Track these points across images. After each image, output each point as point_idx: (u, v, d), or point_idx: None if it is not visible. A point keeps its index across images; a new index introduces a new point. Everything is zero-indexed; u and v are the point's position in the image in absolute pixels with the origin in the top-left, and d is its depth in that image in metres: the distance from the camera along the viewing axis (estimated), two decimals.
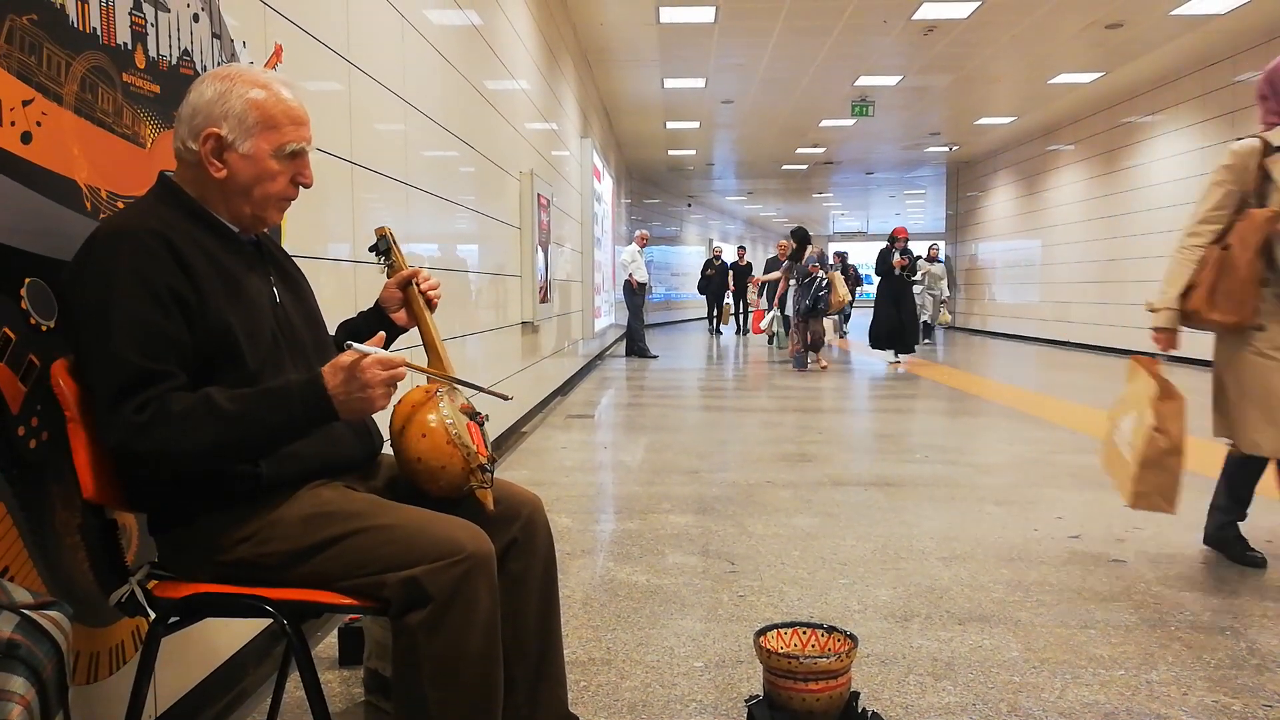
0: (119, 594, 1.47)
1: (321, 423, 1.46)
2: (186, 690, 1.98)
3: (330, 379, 1.43)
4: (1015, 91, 13.14)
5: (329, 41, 2.88)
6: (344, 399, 1.43)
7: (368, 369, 1.43)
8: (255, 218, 1.61)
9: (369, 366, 1.43)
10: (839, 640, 2.11)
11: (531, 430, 6.38)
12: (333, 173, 2.88)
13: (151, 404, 1.38)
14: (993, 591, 2.99)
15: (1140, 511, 3.96)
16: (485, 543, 1.51)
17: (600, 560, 3.36)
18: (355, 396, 1.44)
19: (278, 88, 1.57)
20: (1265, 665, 2.42)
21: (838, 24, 9.52)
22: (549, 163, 7.83)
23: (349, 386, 1.43)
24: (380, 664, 2.14)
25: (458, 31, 4.65)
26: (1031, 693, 2.26)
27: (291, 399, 1.44)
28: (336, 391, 1.43)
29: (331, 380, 1.43)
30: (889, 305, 11.43)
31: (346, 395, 1.43)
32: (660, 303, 22.98)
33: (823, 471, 4.88)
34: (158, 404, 1.39)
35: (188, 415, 1.39)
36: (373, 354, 1.44)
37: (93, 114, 1.65)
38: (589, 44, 10.38)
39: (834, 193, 26.52)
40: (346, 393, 1.43)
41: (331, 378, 1.44)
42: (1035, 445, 5.70)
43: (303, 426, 1.46)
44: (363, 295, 3.03)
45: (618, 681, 2.34)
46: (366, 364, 1.43)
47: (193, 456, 1.41)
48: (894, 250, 11.68)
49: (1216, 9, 9.12)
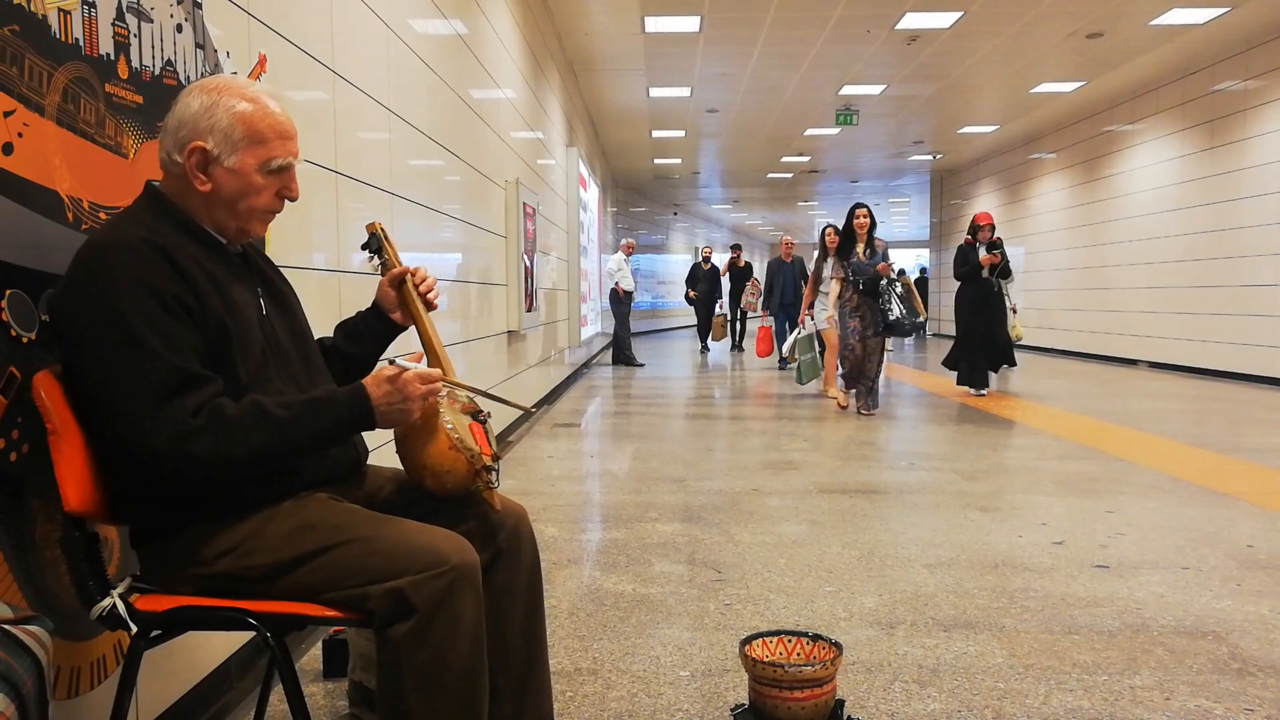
0: (100, 608, 1.46)
1: (360, 430, 1.54)
2: (169, 704, 1.96)
3: (373, 390, 1.50)
4: (998, 100, 13.25)
5: (313, 51, 2.88)
6: (385, 410, 1.50)
7: (409, 383, 1.50)
8: (239, 230, 1.60)
9: (410, 380, 1.51)
10: (824, 648, 2.12)
11: (518, 439, 6.37)
12: (317, 182, 2.87)
13: (207, 407, 1.40)
14: (977, 598, 3.01)
15: (1121, 518, 4.00)
16: (470, 554, 1.51)
17: (586, 570, 3.36)
18: (395, 408, 1.51)
19: (265, 101, 1.56)
20: (1247, 670, 2.44)
21: (821, 34, 9.58)
22: (535, 171, 7.83)
23: (390, 399, 1.50)
24: (365, 676, 2.13)
25: (443, 40, 4.66)
26: (1016, 699, 2.27)
27: (338, 407, 1.50)
28: (379, 403, 1.50)
29: (375, 391, 1.50)
30: (980, 322, 8.57)
31: (388, 407, 1.50)
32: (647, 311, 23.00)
33: (809, 479, 4.89)
34: (212, 407, 1.40)
35: (240, 420, 1.42)
36: (413, 369, 1.52)
37: (75, 125, 1.64)
38: (574, 53, 10.40)
39: (819, 201, 26.62)
40: (388, 404, 1.50)
41: (375, 389, 1.50)
42: (1019, 452, 5.73)
43: (344, 434, 1.54)
44: (347, 305, 3.02)
45: (604, 691, 2.34)
46: (408, 378, 1.50)
47: (242, 461, 1.43)
48: (978, 244, 8.72)
49: (1195, 19, 9.23)
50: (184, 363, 1.41)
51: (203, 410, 1.39)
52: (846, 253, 7.50)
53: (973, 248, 8.72)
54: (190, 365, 1.41)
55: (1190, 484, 4.73)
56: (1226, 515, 4.08)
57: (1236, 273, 10.29)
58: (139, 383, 1.38)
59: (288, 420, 1.45)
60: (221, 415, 1.40)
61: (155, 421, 1.37)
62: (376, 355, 1.88)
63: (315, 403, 1.49)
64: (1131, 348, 12.60)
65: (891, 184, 22.80)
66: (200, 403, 1.40)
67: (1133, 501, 4.33)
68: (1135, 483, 4.75)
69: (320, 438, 1.50)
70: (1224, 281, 10.51)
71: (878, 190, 24.01)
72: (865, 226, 7.52)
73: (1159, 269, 11.89)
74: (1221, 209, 10.59)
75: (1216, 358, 10.63)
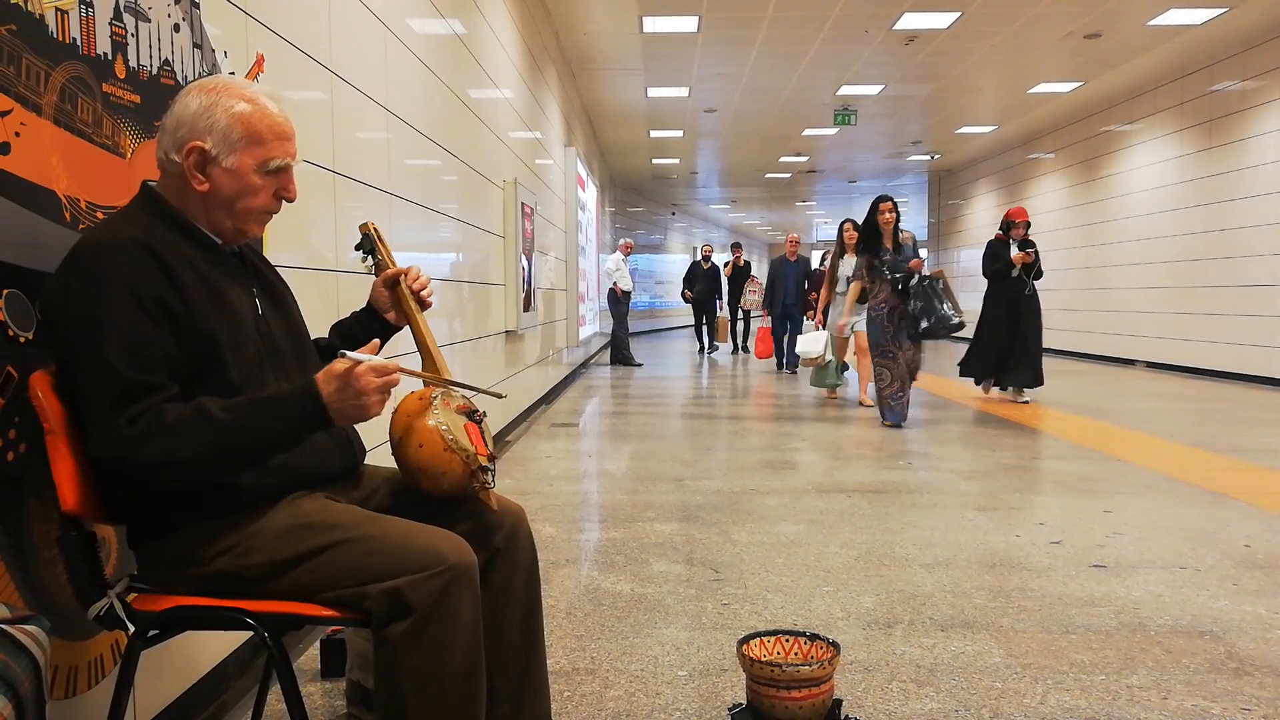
0: (98, 607, 1.46)
1: (315, 430, 1.47)
2: (166, 704, 1.96)
3: (324, 386, 1.44)
4: (995, 101, 13.26)
5: (311, 51, 2.87)
6: (338, 406, 1.44)
7: (361, 376, 1.44)
8: (236, 230, 1.60)
9: (363, 374, 1.44)
10: (821, 648, 2.12)
11: (516, 439, 6.37)
12: (315, 182, 2.87)
13: (145, 416, 1.38)
14: (975, 598, 3.01)
15: (1119, 518, 4.00)
16: (467, 553, 1.51)
17: (584, 569, 3.36)
18: (350, 404, 1.44)
19: (264, 102, 1.56)
20: (1244, 669, 2.44)
21: (820, 34, 9.58)
22: (533, 171, 7.83)
23: (343, 394, 1.44)
24: (362, 676, 2.13)
25: (441, 40, 4.65)
26: (1013, 698, 2.28)
27: (287, 407, 1.44)
28: (331, 399, 1.44)
29: (326, 388, 1.44)
30: (1000, 320, 7.98)
31: (341, 403, 1.44)
32: (645, 311, 22.99)
33: (807, 479, 4.90)
34: (152, 415, 1.39)
35: (182, 425, 1.39)
36: (366, 361, 1.45)
37: (72, 124, 1.64)
38: (572, 53, 10.40)
39: (817, 201, 26.62)
40: (341, 400, 1.44)
41: (325, 385, 1.44)
42: (1016, 452, 5.73)
43: (298, 434, 1.47)
44: (345, 305, 3.02)
45: (601, 691, 2.34)
46: (360, 371, 1.44)
47: (188, 466, 1.41)
48: (1009, 241, 8.11)
49: (1193, 20, 9.24)
50: (135, 372, 1.39)
51: (140, 419, 1.38)
52: (877, 249, 6.72)
53: (1004, 244, 8.11)
54: (141, 374, 1.40)
55: (1187, 484, 4.73)
56: (1223, 515, 4.08)
57: (1234, 273, 10.30)
58: (93, 390, 1.39)
59: (231, 422, 1.41)
60: (161, 422, 1.38)
61: (99, 430, 1.39)
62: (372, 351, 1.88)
63: (262, 403, 1.45)
64: (1129, 348, 12.61)
65: (889, 184, 22.80)
66: (138, 412, 1.38)
67: (1130, 501, 4.33)
68: (1132, 483, 4.76)
69: (273, 438, 1.46)
70: (1221, 282, 10.53)
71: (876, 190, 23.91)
72: (892, 222, 6.85)
73: (1156, 269, 11.91)
74: (1219, 209, 10.60)
75: (1213, 358, 10.64)
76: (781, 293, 11.58)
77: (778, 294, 11.62)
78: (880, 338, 6.61)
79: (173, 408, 1.41)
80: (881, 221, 6.84)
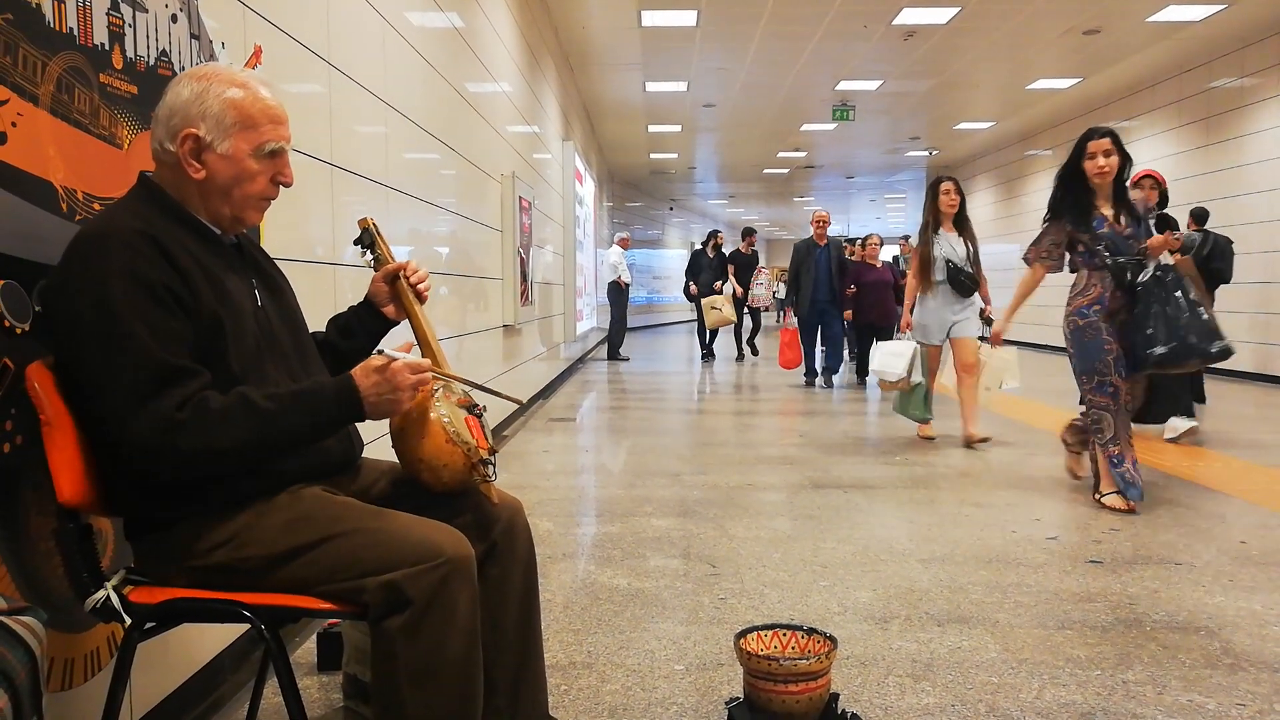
0: (94, 599, 1.46)
1: (350, 422, 1.53)
2: (163, 696, 1.96)
3: (362, 380, 1.48)
4: (994, 96, 13.25)
5: (309, 43, 2.87)
6: (374, 401, 1.49)
7: (398, 373, 1.48)
8: (234, 218, 1.60)
9: (399, 370, 1.49)
10: (818, 642, 2.12)
11: (513, 434, 6.37)
12: (312, 175, 2.86)
13: (191, 401, 1.39)
14: (971, 593, 3.01)
15: (1114, 514, 4.00)
16: (465, 546, 1.51)
17: (581, 564, 3.36)
18: (385, 399, 1.49)
19: (255, 86, 1.56)
20: (1239, 665, 2.45)
21: (819, 29, 9.56)
22: (531, 165, 7.81)
23: (380, 389, 1.48)
24: (359, 669, 2.13)
25: (439, 34, 4.64)
26: (1009, 693, 2.28)
27: (326, 398, 1.48)
28: (368, 393, 1.48)
29: (364, 382, 1.48)
30: None
31: (377, 397, 1.48)
32: (642, 306, 22.98)
33: (803, 474, 4.90)
34: (197, 401, 1.40)
35: (227, 413, 1.41)
36: (401, 359, 1.50)
37: (69, 115, 1.64)
38: (571, 47, 10.38)
39: (815, 196, 26.60)
40: (378, 395, 1.48)
41: (364, 380, 1.48)
42: (1013, 448, 5.74)
43: (334, 426, 1.52)
44: (343, 297, 3.02)
45: (598, 685, 2.34)
46: (397, 368, 1.48)
47: (226, 454, 1.43)
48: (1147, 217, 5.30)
49: (1191, 16, 9.23)
50: (170, 356, 1.40)
51: (187, 404, 1.39)
52: (1085, 216, 4.12)
53: None
54: (177, 358, 1.41)
55: (1182, 480, 4.74)
56: (1219, 511, 4.09)
57: None
58: (125, 375, 1.38)
59: (274, 413, 1.44)
60: (206, 409, 1.40)
61: (140, 415, 1.37)
62: (368, 350, 1.88)
63: (303, 395, 1.48)
64: None
65: (887, 180, 22.80)
66: (185, 396, 1.39)
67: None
68: None
69: (310, 430, 1.49)
70: None
71: (874, 186, 24.01)
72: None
73: None
74: (1217, 206, 10.59)
75: None
76: (810, 285, 9.07)
77: (805, 287, 9.11)
78: (1094, 358, 4.05)
79: (214, 395, 1.42)
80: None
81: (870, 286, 9.15)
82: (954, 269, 5.71)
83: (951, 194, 5.82)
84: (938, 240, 5.79)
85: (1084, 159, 4.17)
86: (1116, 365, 4.03)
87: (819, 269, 9.06)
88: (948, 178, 5.96)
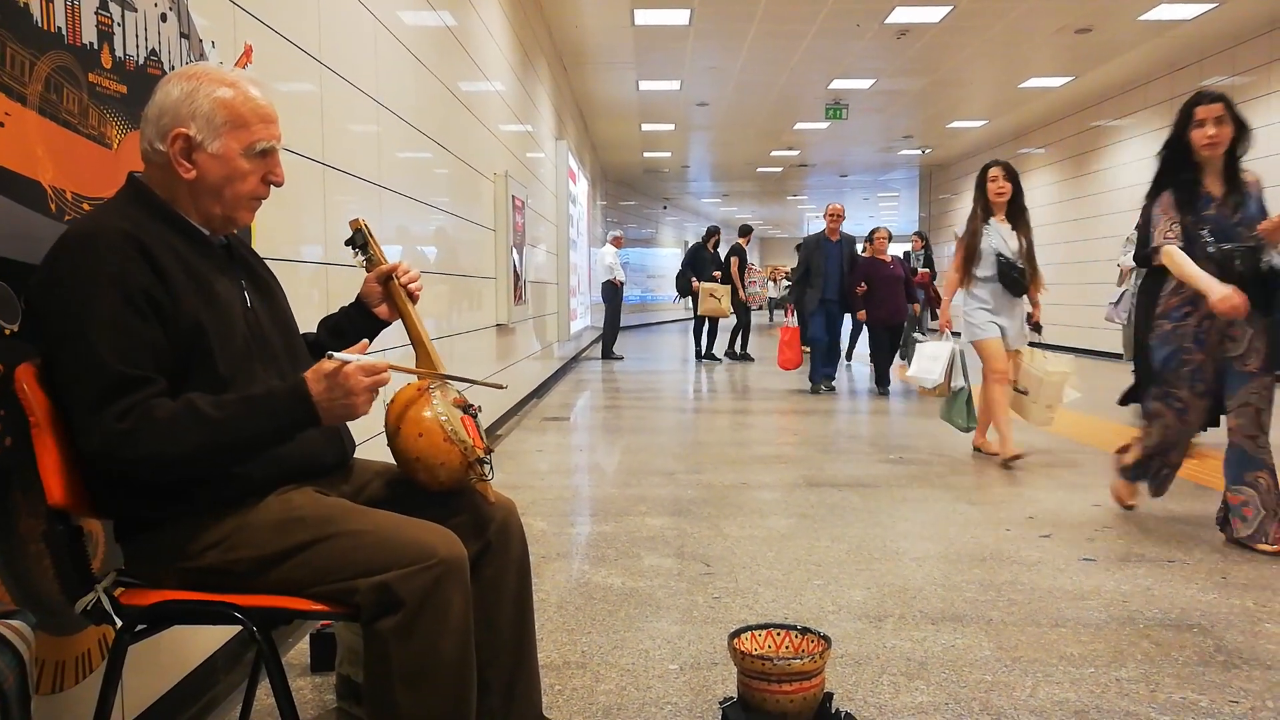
0: (85, 602, 1.45)
1: (304, 428, 1.48)
2: (155, 699, 1.95)
3: (314, 385, 1.45)
4: (987, 95, 13.27)
5: (300, 42, 2.85)
6: (327, 405, 1.45)
7: (350, 376, 1.45)
8: (226, 218, 1.59)
9: (351, 374, 1.45)
10: (812, 641, 2.12)
11: (507, 433, 6.36)
12: (304, 174, 2.85)
13: (135, 410, 1.38)
14: (965, 591, 3.01)
15: (1108, 512, 4.01)
16: (457, 547, 1.51)
17: (575, 563, 3.36)
18: (339, 403, 1.45)
19: (245, 86, 1.56)
20: (1232, 662, 2.45)
21: (812, 27, 9.57)
22: (524, 164, 7.80)
23: (332, 393, 1.45)
24: (352, 670, 2.13)
25: (431, 32, 4.63)
26: (1003, 691, 2.28)
27: (276, 404, 1.45)
28: (320, 398, 1.45)
29: (315, 386, 1.45)
30: None
31: (330, 401, 1.45)
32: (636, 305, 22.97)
33: (798, 473, 4.90)
34: (141, 410, 1.38)
35: (172, 421, 1.39)
36: (354, 361, 1.46)
37: (58, 114, 1.63)
38: (564, 46, 10.37)
39: (808, 195, 26.64)
40: (330, 399, 1.45)
41: (315, 384, 1.45)
42: None
43: (287, 432, 1.48)
44: (334, 298, 3.00)
45: (592, 685, 2.34)
46: (349, 371, 1.45)
47: (177, 462, 1.41)
48: None
49: (1183, 15, 9.26)
50: (125, 366, 1.39)
51: (130, 414, 1.37)
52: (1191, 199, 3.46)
53: None
54: (131, 368, 1.39)
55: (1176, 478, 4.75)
56: (1212, 509, 4.10)
57: None
58: (80, 383, 1.39)
59: (222, 420, 1.41)
60: (150, 417, 1.38)
61: (90, 423, 1.38)
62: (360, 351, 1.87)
63: (252, 400, 1.46)
64: (1118, 342, 12.65)
65: (881, 178, 22.84)
66: (129, 406, 1.38)
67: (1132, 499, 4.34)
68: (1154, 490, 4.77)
69: (262, 435, 1.46)
70: None
71: (867, 184, 24.05)
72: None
73: None
74: None
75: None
76: (820, 283, 8.47)
77: (813, 284, 8.53)
78: (1169, 365, 3.56)
79: (162, 403, 1.40)
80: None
81: (882, 283, 8.41)
82: (1005, 263, 5.05)
83: (1000, 181, 5.11)
84: (987, 231, 5.12)
85: (1190, 127, 3.50)
86: (1194, 378, 3.50)
87: (829, 265, 8.48)
88: (997, 163, 5.23)
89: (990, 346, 5.09)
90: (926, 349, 5.61)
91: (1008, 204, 5.11)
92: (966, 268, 5.16)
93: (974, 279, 5.13)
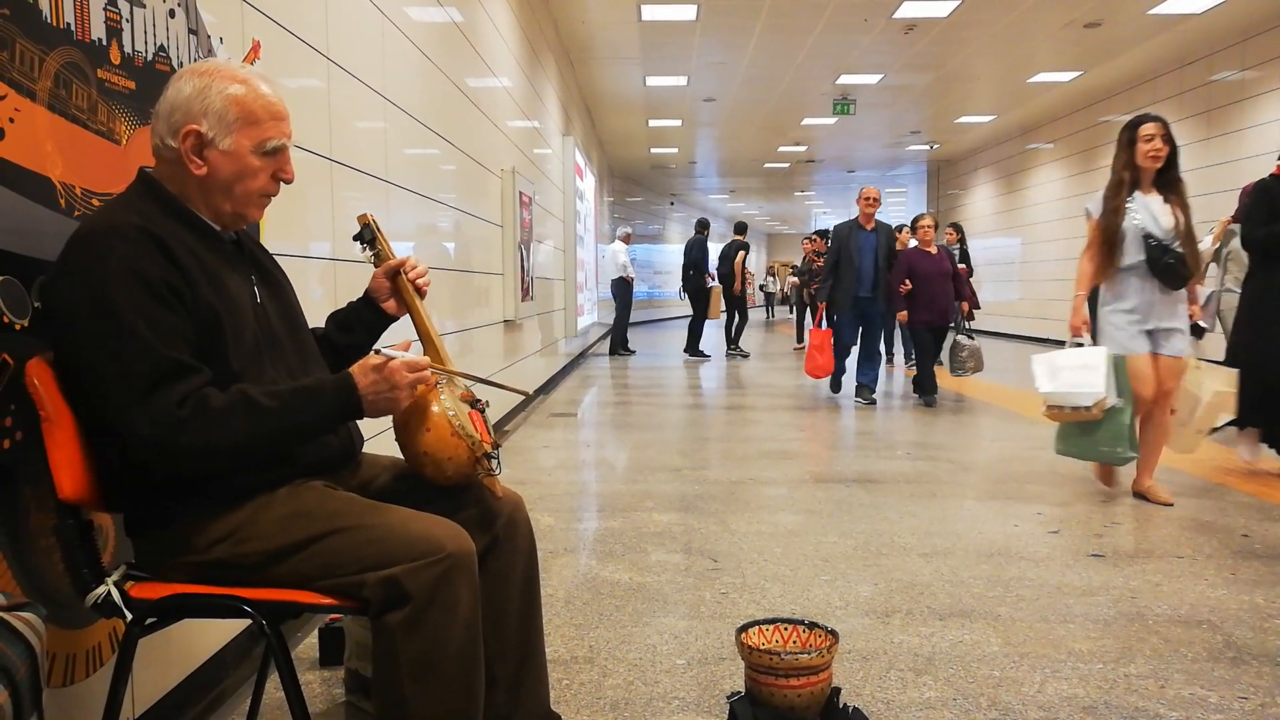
0: (95, 595, 1.46)
1: (348, 420, 1.56)
2: (165, 692, 1.96)
3: (360, 378, 1.49)
4: (995, 90, 13.22)
5: (308, 38, 2.86)
6: (373, 399, 1.50)
7: (396, 371, 1.50)
8: (236, 215, 1.60)
9: (397, 369, 1.50)
10: (820, 636, 2.12)
11: (514, 429, 6.37)
12: (312, 170, 2.86)
13: (192, 398, 1.39)
14: (973, 587, 3.01)
15: (1116, 507, 4.00)
16: (465, 541, 1.51)
17: (583, 558, 3.36)
18: (384, 396, 1.50)
19: (257, 83, 1.56)
20: (1241, 658, 2.44)
21: (819, 22, 9.54)
22: (531, 160, 7.80)
23: (378, 387, 1.50)
24: (361, 664, 2.13)
25: (438, 28, 4.63)
26: (1011, 687, 2.28)
27: (325, 396, 1.50)
28: (366, 390, 1.49)
29: (362, 380, 1.49)
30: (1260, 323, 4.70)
31: (375, 394, 1.50)
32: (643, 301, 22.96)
33: (805, 469, 4.90)
34: (198, 398, 1.40)
35: (227, 410, 1.41)
36: (400, 358, 1.51)
37: (67, 110, 1.63)
38: (571, 41, 10.36)
39: (816, 191, 26.58)
40: (375, 392, 1.50)
41: (361, 377, 1.49)
42: (1015, 442, 5.73)
43: (332, 423, 1.54)
44: (343, 293, 3.01)
45: (600, 679, 2.34)
46: (395, 366, 1.50)
47: (229, 451, 1.43)
48: None
49: (1193, 9, 9.21)
50: (172, 352, 1.40)
51: (188, 401, 1.39)
52: None
53: None
54: (178, 354, 1.41)
55: (1185, 473, 4.73)
56: (1221, 504, 4.09)
57: None
58: (127, 372, 1.38)
59: (274, 410, 1.44)
60: (207, 406, 1.40)
61: (142, 411, 1.37)
62: (368, 346, 1.88)
63: (303, 392, 1.49)
64: None
65: (888, 174, 22.78)
66: (186, 393, 1.39)
67: (1127, 491, 4.33)
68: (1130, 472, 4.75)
69: (309, 427, 1.51)
70: None
71: (874, 180, 23.98)
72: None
73: None
74: (1218, 199, 10.57)
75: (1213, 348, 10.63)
76: (852, 278, 7.38)
77: (846, 279, 7.39)
78: None
79: (214, 392, 1.42)
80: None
81: (927, 278, 7.24)
82: (1156, 247, 3.90)
83: (1157, 141, 3.94)
84: (1132, 206, 3.97)
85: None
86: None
87: (862, 257, 7.36)
88: (1152, 117, 4.02)
89: (1135, 366, 3.96)
90: (1068, 358, 4.06)
91: (1160, 172, 3.98)
92: (1106, 255, 4.01)
93: (1116, 269, 4.03)
